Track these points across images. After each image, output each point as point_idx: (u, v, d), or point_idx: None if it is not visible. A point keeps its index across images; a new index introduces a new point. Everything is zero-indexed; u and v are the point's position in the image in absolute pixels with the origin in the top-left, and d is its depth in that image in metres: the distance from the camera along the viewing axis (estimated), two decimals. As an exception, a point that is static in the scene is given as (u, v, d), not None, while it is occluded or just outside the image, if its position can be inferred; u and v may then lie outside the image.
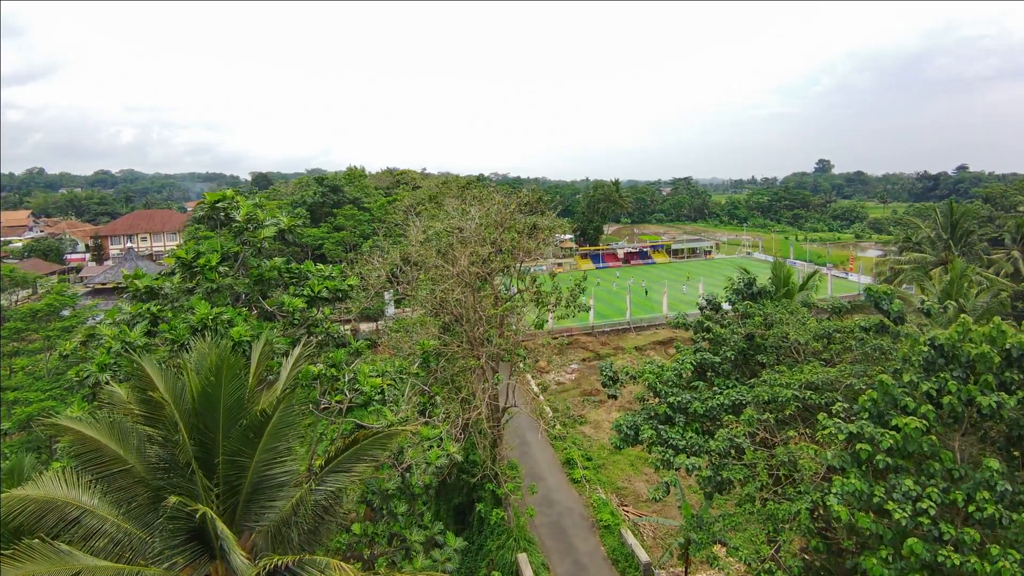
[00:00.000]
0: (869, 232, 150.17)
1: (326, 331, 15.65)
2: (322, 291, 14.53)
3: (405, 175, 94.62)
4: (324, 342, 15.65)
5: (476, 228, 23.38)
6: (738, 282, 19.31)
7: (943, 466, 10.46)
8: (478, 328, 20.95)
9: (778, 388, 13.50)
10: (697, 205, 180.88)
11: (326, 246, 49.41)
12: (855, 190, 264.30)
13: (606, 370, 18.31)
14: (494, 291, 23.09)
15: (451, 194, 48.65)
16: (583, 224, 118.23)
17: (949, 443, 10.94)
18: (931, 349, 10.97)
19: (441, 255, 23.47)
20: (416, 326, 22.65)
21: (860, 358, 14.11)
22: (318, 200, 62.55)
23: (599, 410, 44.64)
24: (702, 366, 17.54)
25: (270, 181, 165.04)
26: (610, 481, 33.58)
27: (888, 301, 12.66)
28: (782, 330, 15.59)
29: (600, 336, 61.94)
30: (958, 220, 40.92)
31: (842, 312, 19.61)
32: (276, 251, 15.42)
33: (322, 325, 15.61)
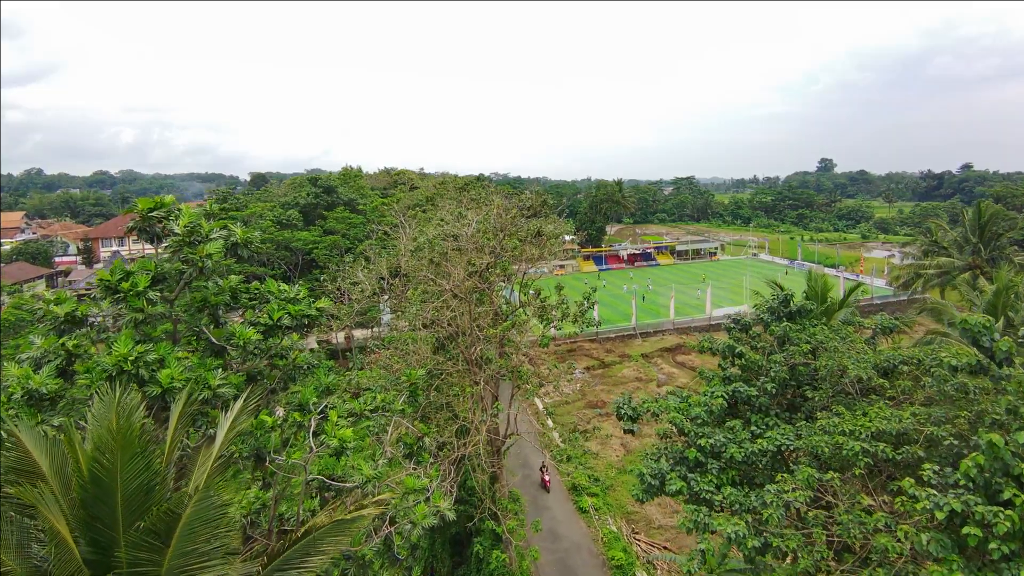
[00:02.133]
0: (875, 232, 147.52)
1: (293, 363, 13.16)
2: (283, 318, 12.01)
3: (403, 175, 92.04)
4: (290, 376, 13.16)
5: (473, 234, 20.93)
6: (772, 299, 16.78)
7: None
8: (476, 348, 18.48)
9: (840, 438, 11.00)
10: (700, 205, 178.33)
11: (317, 251, 46.93)
12: (858, 189, 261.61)
13: (624, 407, 15.80)
14: (493, 306, 20.62)
15: (448, 195, 46.19)
16: (585, 224, 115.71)
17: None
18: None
19: (434, 265, 21.03)
20: (407, 343, 20.19)
21: (936, 398, 11.62)
22: (311, 201, 59.98)
23: (606, 423, 42.10)
24: (735, 399, 15.04)
25: (268, 182, 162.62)
26: (619, 505, 31.13)
27: (989, 336, 10.23)
28: (837, 362, 13.07)
29: (605, 343, 59.41)
30: (987, 222, 38.40)
31: (891, 332, 17.08)
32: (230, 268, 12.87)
33: (288, 356, 13.12)
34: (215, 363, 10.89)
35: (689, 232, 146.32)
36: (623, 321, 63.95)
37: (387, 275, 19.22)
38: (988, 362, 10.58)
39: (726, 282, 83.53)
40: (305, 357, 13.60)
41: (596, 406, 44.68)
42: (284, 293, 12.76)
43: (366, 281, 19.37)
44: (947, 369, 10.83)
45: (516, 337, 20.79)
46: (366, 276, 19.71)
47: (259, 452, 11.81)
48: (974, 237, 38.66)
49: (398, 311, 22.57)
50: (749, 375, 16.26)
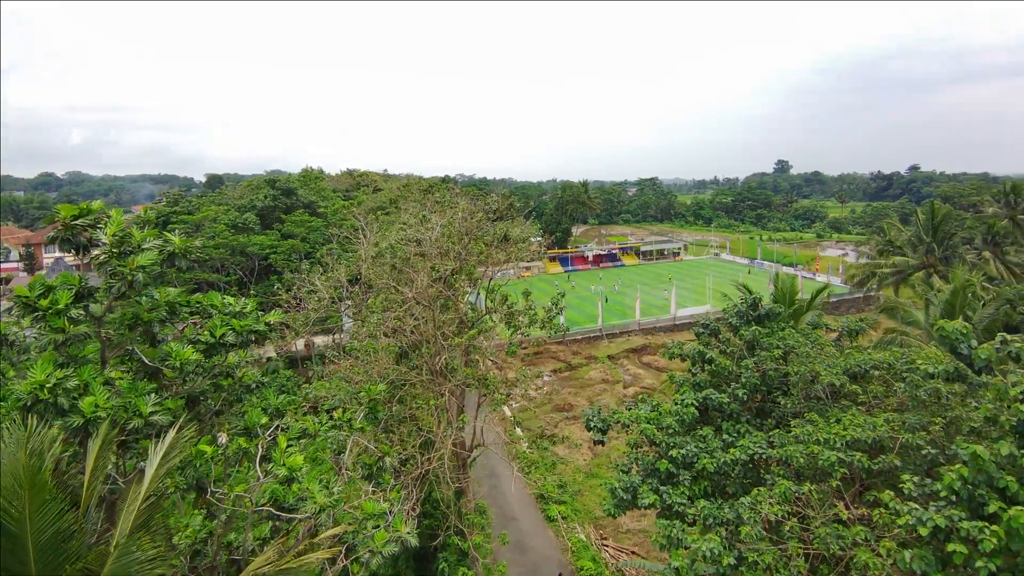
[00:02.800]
0: (830, 231, 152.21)
1: (239, 382, 12.16)
2: (226, 335, 11.01)
3: (366, 177, 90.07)
4: (236, 396, 12.15)
5: (437, 239, 20.16)
6: (741, 303, 16.56)
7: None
8: (440, 357, 17.71)
9: (815, 447, 10.71)
10: (663, 206, 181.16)
11: (275, 256, 45.15)
12: (813, 190, 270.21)
13: (593, 418, 15.29)
14: (458, 313, 19.89)
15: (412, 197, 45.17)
16: (552, 226, 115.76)
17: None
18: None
19: (396, 271, 20.19)
20: (368, 353, 19.24)
21: (909, 403, 11.46)
22: (269, 204, 57.91)
23: (573, 426, 41.74)
24: (706, 406, 14.72)
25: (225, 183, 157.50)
26: (587, 511, 30.75)
27: (967, 343, 10.08)
28: (810, 368, 12.84)
29: (571, 345, 59.18)
30: (940, 222, 39.64)
31: (856, 334, 17.08)
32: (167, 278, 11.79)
33: (234, 374, 12.12)
34: (148, 387, 9.85)
35: (653, 232, 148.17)
36: (590, 323, 63.92)
37: (346, 282, 18.26)
38: (965, 369, 10.43)
39: (690, 282, 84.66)
40: (254, 375, 12.59)
41: (563, 409, 44.35)
42: (229, 307, 11.74)
43: (324, 289, 18.37)
44: (922, 375, 10.65)
45: (483, 343, 20.11)
46: (324, 283, 18.69)
47: (200, 483, 10.81)
48: (927, 237, 39.85)
49: (359, 319, 21.61)
50: (719, 380, 15.99)
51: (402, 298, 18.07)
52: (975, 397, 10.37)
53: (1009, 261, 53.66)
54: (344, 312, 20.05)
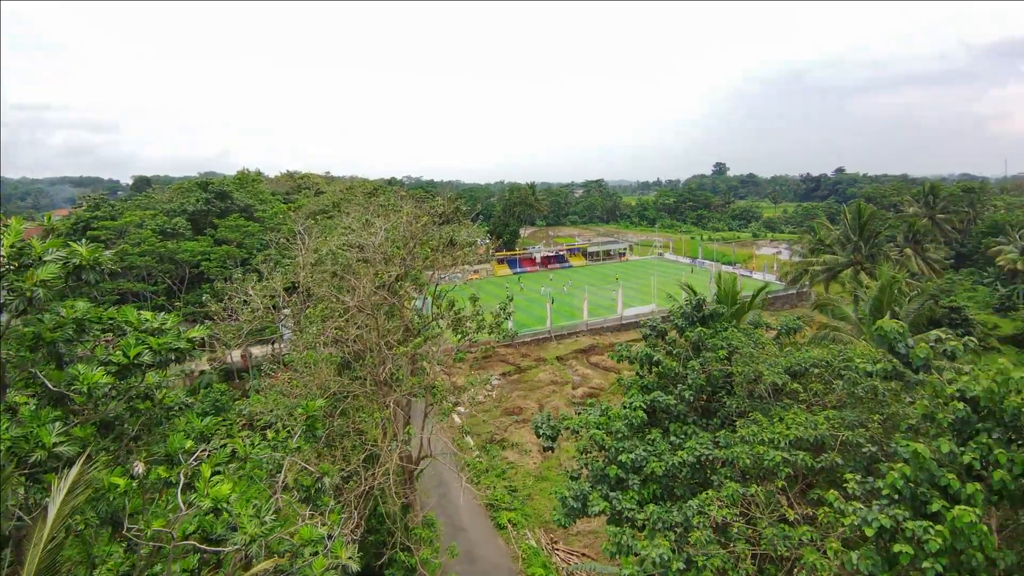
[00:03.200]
0: (764, 231, 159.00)
1: (159, 405, 11.19)
2: (142, 354, 10.06)
3: (307, 179, 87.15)
4: (156, 420, 11.17)
5: (381, 244, 19.45)
6: (685, 304, 16.73)
7: (986, 556, 8.02)
8: (384, 367, 17.03)
9: (761, 448, 10.81)
10: (609, 207, 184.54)
11: (208, 263, 42.74)
12: (748, 191, 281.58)
13: (542, 425, 15.04)
14: (404, 320, 19.23)
15: (356, 200, 43.89)
16: (499, 228, 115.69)
17: (985, 519, 8.52)
18: (965, 405, 8.55)
19: (337, 278, 19.34)
20: (307, 366, 18.30)
21: (848, 400, 11.78)
22: (201, 208, 55.01)
23: (523, 429, 41.56)
24: (653, 408, 14.74)
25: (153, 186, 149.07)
26: (538, 514, 30.55)
27: (904, 342, 10.38)
28: (753, 368, 13.02)
29: (520, 347, 59.09)
30: (866, 222, 41.87)
31: (792, 332, 17.58)
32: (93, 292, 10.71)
33: (153, 396, 11.13)
34: (52, 414, 8.84)
35: (600, 233, 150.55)
36: (538, 324, 64.04)
37: (282, 291, 17.27)
38: (903, 368, 10.76)
39: (635, 282, 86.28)
40: (176, 396, 11.63)
41: (513, 413, 44.12)
42: (145, 323, 10.76)
43: (258, 299, 17.34)
44: (861, 374, 10.91)
45: (430, 351, 19.53)
46: (258, 293, 17.64)
47: (115, 517, 9.83)
48: (855, 236, 42.02)
49: (298, 329, 20.60)
50: (666, 382, 16.08)
51: (343, 307, 17.28)
52: (911, 394, 10.70)
53: (929, 257, 57.45)
54: (281, 323, 19.03)
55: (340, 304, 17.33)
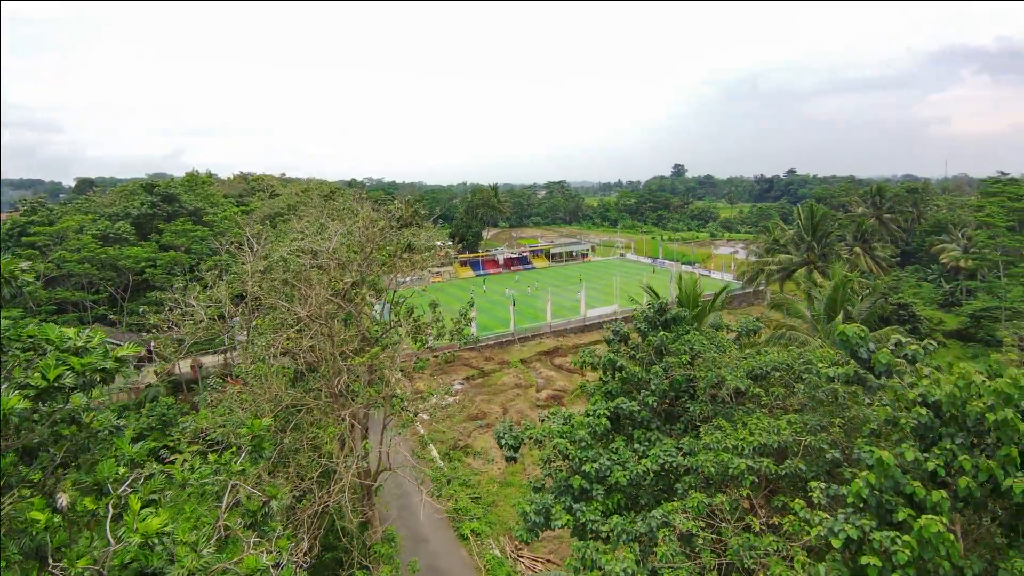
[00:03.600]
0: (721, 231, 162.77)
1: (87, 429, 10.23)
2: (63, 375, 9.13)
3: (261, 181, 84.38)
4: (82, 446, 10.21)
5: (335, 249, 18.65)
6: (648, 308, 16.56)
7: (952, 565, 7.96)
8: (339, 379, 16.27)
9: (725, 455, 10.63)
10: (571, 208, 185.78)
11: (154, 270, 40.57)
12: (706, 191, 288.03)
13: (504, 435, 14.61)
14: (360, 330, 18.48)
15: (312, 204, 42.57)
16: (462, 229, 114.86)
17: (950, 526, 8.48)
18: (928, 411, 8.49)
19: (289, 287, 18.47)
20: (257, 379, 17.35)
21: (809, 404, 11.74)
22: (146, 212, 52.47)
23: (487, 435, 41.01)
24: (617, 414, 14.47)
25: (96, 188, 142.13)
26: (502, 522, 30.06)
27: (866, 347, 10.33)
28: (716, 373, 12.88)
29: (484, 350, 58.51)
30: (818, 222, 43.05)
31: (752, 334, 17.67)
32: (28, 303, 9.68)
33: (80, 420, 10.17)
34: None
35: (563, 234, 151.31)
36: (502, 327, 63.59)
37: (228, 301, 16.28)
38: (865, 373, 10.74)
39: (598, 283, 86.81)
40: (105, 419, 10.66)
41: (477, 418, 43.52)
42: (68, 341, 9.79)
43: (200, 309, 16.30)
44: (824, 379, 10.85)
45: (388, 360, 18.84)
46: (201, 303, 16.59)
47: (40, 551, 8.89)
48: (808, 236, 43.15)
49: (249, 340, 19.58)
50: (630, 387, 15.86)
51: (295, 317, 16.45)
52: (873, 398, 10.68)
53: (877, 256, 59.59)
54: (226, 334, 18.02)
55: (291, 314, 16.49)
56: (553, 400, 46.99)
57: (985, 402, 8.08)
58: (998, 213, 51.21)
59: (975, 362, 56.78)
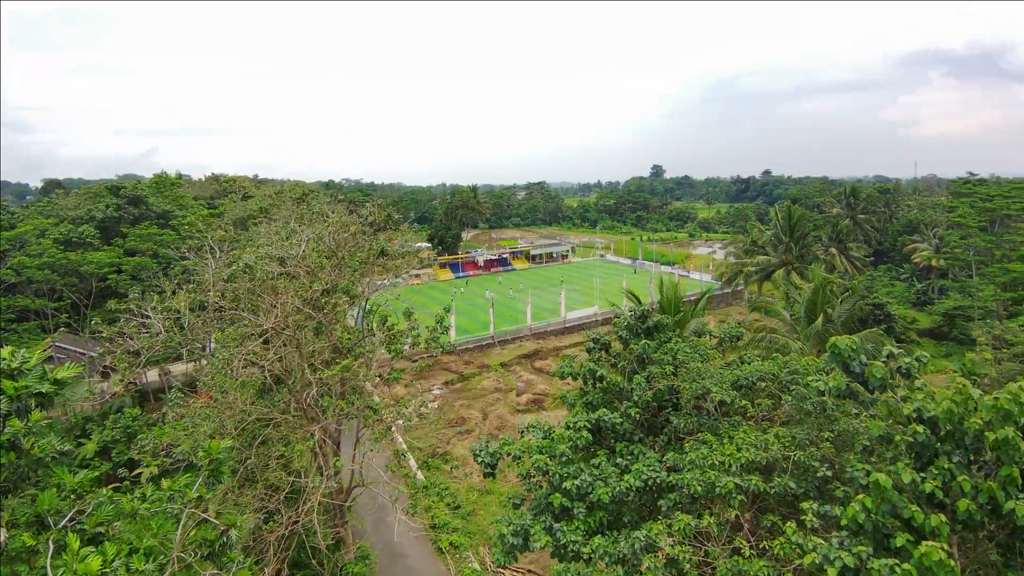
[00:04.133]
0: (700, 231, 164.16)
1: (27, 455, 9.37)
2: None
3: (234, 183, 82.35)
4: (22, 475, 9.36)
5: (304, 256, 17.83)
6: (629, 315, 16.08)
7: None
8: (308, 393, 15.47)
9: (712, 473, 10.16)
10: (551, 209, 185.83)
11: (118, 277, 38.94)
12: (684, 192, 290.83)
13: (482, 453, 13.97)
14: (332, 339, 17.67)
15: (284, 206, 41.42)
16: (441, 231, 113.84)
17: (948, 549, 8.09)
18: (925, 428, 8.09)
19: (255, 295, 17.60)
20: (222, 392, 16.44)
21: (797, 416, 11.34)
22: (111, 215, 50.65)
23: (466, 441, 40.30)
24: (599, 426, 13.95)
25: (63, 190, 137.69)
26: (482, 531, 29.35)
27: (859, 360, 9.90)
28: (700, 384, 12.42)
29: (463, 354, 57.76)
30: (795, 223, 43.25)
31: (735, 340, 17.31)
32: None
33: (20, 446, 9.31)
34: None
35: (542, 235, 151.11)
36: (481, 330, 62.93)
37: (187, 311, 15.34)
38: (858, 387, 10.35)
39: (578, 284, 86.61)
40: (46, 445, 9.80)
41: (456, 424, 42.79)
42: (2, 362, 8.93)
43: (158, 321, 15.35)
44: (812, 390, 10.43)
45: (362, 370, 18.07)
46: (158, 314, 15.63)
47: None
48: (785, 237, 43.31)
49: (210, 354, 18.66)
50: (611, 397, 15.37)
51: (260, 329, 15.60)
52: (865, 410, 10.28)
53: (852, 256, 60.28)
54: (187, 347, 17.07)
55: (255, 326, 15.64)
56: (533, 404, 46.46)
57: (983, 418, 7.70)
58: (970, 214, 52.13)
59: (949, 360, 57.75)
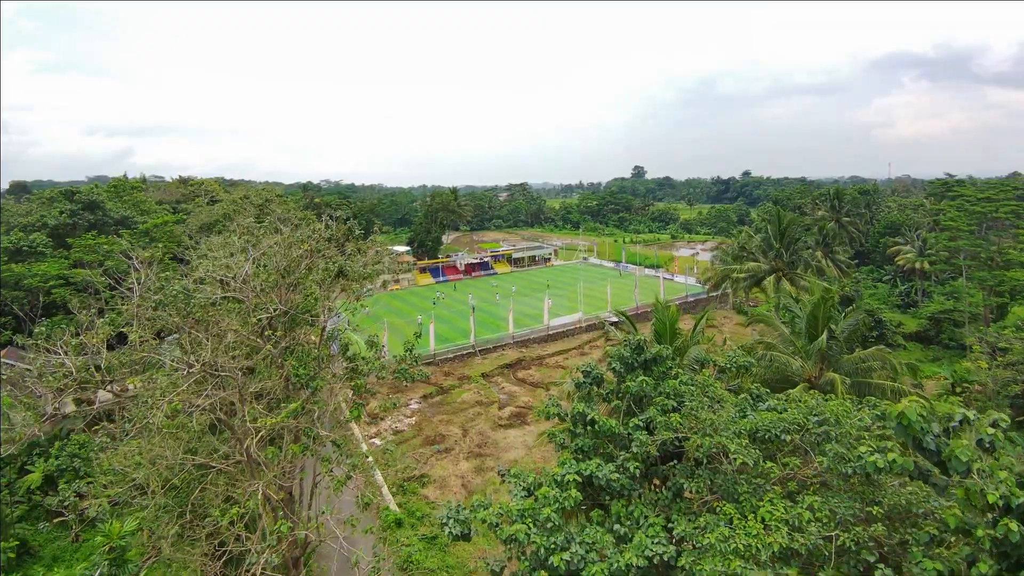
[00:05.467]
0: (682, 232, 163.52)
1: None
2: None
3: (200, 186, 78.86)
4: None
5: (249, 278, 15.51)
6: (624, 347, 14.03)
7: None
8: (249, 441, 13.16)
9: (737, 563, 8.15)
10: (533, 210, 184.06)
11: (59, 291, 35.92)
12: (665, 193, 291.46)
13: (450, 522, 11.81)
14: (283, 372, 15.35)
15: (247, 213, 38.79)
16: (421, 235, 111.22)
17: None
18: (1018, 524, 6.15)
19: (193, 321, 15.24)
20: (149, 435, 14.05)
21: (833, 482, 9.40)
22: (65, 221, 47.44)
23: (444, 461, 38.03)
24: (591, 480, 11.91)
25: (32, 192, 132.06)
26: (461, 565, 27.21)
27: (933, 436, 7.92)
28: (714, 441, 10.41)
29: (443, 364, 55.42)
30: (786, 228, 41.82)
31: (742, 372, 15.39)
32: None
33: None
34: None
35: (524, 237, 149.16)
36: (462, 338, 60.64)
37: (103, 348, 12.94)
38: (930, 467, 8.38)
39: (562, 289, 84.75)
40: None
41: (435, 442, 40.48)
42: None
43: (70, 360, 12.93)
44: (868, 466, 8.42)
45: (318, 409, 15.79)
46: (72, 350, 13.21)
47: None
48: (776, 243, 41.84)
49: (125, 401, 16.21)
50: (604, 441, 13.32)
51: (190, 368, 13.26)
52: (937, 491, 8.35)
53: (838, 260, 59.23)
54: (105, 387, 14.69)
55: (183, 364, 13.32)
56: (516, 418, 44.34)
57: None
58: (960, 217, 51.30)
59: (937, 365, 56.99)
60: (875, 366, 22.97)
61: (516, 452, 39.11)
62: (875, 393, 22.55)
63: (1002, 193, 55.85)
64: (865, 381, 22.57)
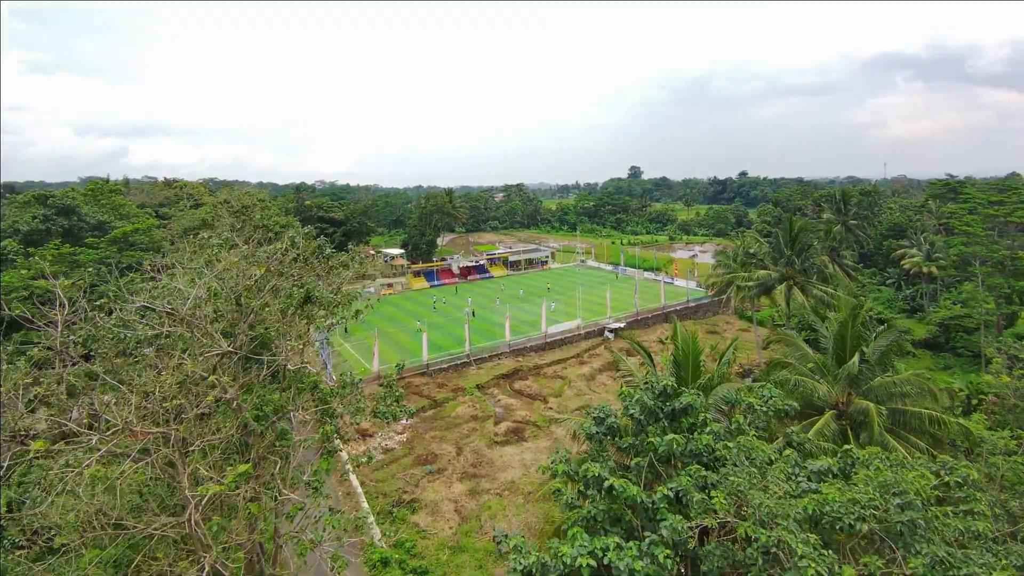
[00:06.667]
0: (680, 234, 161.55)
1: None
2: None
3: (183, 189, 76.12)
4: None
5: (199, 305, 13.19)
6: (646, 391, 11.75)
7: None
8: (190, 512, 10.84)
9: None
10: (530, 212, 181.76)
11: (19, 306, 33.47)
12: (662, 193, 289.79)
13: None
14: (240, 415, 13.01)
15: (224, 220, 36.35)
16: (415, 237, 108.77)
17: None
18: None
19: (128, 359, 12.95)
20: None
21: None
22: (38, 227, 44.91)
23: (436, 483, 35.65)
24: (608, 569, 9.63)
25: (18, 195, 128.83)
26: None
27: None
28: (771, 535, 8.15)
29: (436, 375, 53.03)
30: (797, 234, 39.67)
31: (787, 416, 13.12)
32: None
33: None
34: None
35: (521, 239, 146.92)
36: (456, 347, 58.27)
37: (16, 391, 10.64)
38: None
39: (560, 295, 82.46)
40: None
41: (427, 461, 38.11)
42: None
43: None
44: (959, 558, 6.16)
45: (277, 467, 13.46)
46: None
47: None
48: (787, 250, 39.68)
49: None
50: (624, 509, 11.03)
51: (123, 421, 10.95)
52: None
53: (845, 264, 57.14)
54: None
55: (118, 418, 11.00)
56: (513, 435, 42.01)
57: None
58: (976, 220, 49.25)
59: (949, 375, 54.97)
60: (910, 391, 20.75)
61: (513, 472, 36.78)
62: (912, 423, 20.37)
63: (1014, 195, 53.87)
64: (901, 408, 20.37)
